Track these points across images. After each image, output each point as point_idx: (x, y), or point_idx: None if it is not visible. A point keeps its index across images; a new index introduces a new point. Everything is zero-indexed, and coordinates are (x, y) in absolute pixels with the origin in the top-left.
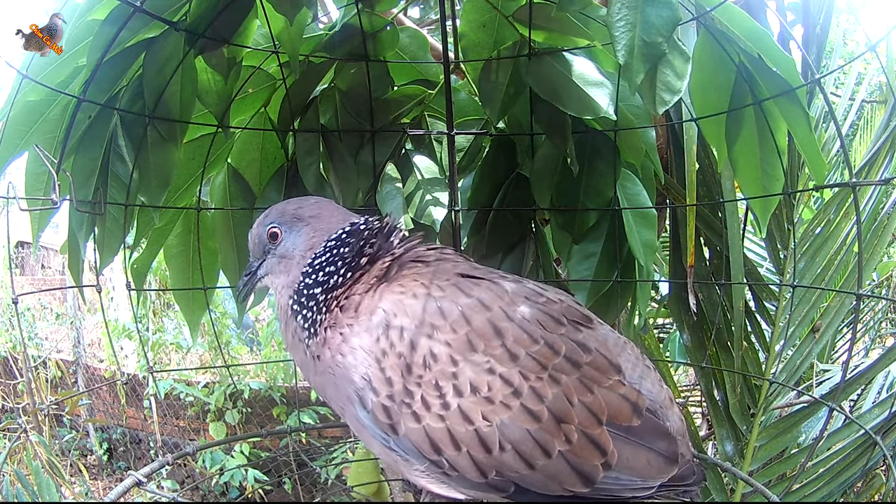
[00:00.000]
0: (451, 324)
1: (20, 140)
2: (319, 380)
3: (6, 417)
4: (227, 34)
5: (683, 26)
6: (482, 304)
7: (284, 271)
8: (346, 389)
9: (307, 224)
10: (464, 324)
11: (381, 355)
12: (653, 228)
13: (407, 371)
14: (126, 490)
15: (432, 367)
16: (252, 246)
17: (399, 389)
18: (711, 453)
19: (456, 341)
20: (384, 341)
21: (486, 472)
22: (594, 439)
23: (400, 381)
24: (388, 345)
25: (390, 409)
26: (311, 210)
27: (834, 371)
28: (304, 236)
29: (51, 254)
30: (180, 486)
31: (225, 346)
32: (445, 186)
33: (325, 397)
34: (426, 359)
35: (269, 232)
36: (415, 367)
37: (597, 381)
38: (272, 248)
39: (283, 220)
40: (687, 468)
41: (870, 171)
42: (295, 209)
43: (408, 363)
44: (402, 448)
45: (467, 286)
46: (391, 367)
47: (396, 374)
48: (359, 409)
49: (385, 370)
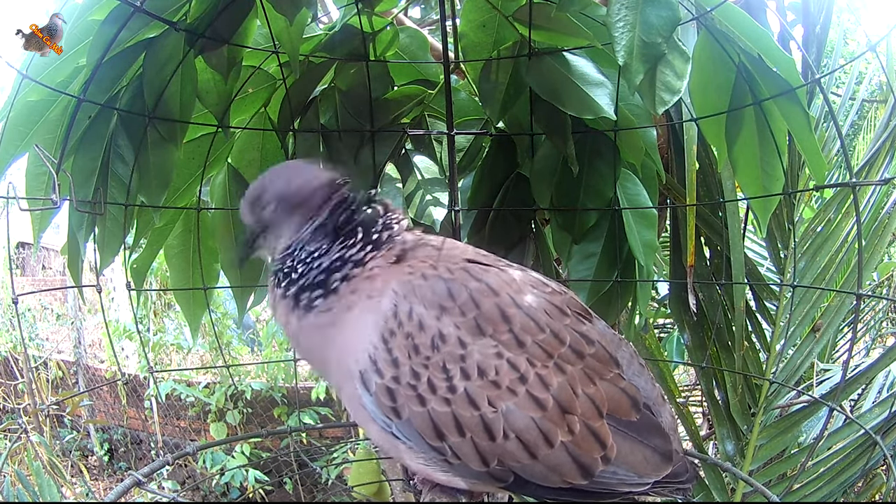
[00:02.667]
0: (461, 306)
1: (20, 141)
2: (317, 341)
3: (7, 418)
4: (227, 34)
5: (683, 26)
6: (491, 288)
7: (283, 240)
8: (349, 365)
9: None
10: (473, 307)
11: (388, 335)
12: (653, 228)
13: (414, 352)
14: (126, 490)
15: (441, 348)
16: (245, 218)
17: (405, 371)
18: (712, 453)
19: (465, 324)
20: (392, 321)
21: (488, 460)
22: (595, 431)
23: (406, 362)
24: (396, 324)
25: (395, 392)
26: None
27: (834, 371)
28: (297, 219)
29: (51, 255)
30: (181, 486)
31: (226, 347)
32: (445, 186)
33: (317, 363)
34: (434, 340)
35: (263, 202)
36: (422, 349)
37: (599, 373)
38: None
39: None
40: (680, 465)
41: (870, 171)
42: (287, 176)
43: (415, 344)
44: (404, 433)
45: (476, 271)
46: (398, 347)
47: (403, 355)
48: (360, 388)
49: (392, 350)
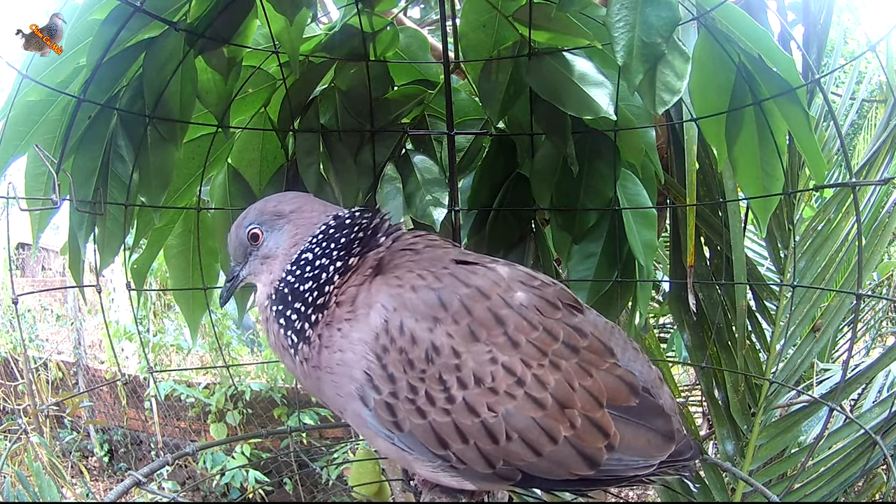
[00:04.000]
0: (453, 315)
1: (20, 141)
2: (314, 383)
3: (7, 419)
4: (227, 34)
5: (683, 26)
6: (481, 292)
7: (267, 271)
8: (346, 387)
9: (288, 221)
10: (465, 314)
11: (381, 352)
12: (653, 228)
13: (409, 366)
14: (126, 490)
15: (435, 360)
16: (232, 249)
17: (402, 386)
18: (712, 453)
19: (458, 332)
20: (384, 337)
21: (493, 462)
22: (597, 422)
23: (403, 377)
24: (388, 340)
25: (394, 407)
26: (291, 205)
27: (834, 370)
28: (286, 234)
29: (51, 255)
30: (181, 486)
31: (225, 347)
32: (445, 186)
33: (323, 398)
34: (428, 352)
35: (249, 233)
36: (417, 362)
37: (595, 364)
38: (254, 249)
39: (262, 219)
40: (683, 443)
41: (870, 171)
42: (274, 206)
43: (410, 358)
44: (408, 444)
45: (464, 275)
46: (393, 363)
47: (399, 371)
48: (360, 405)
49: (387, 367)
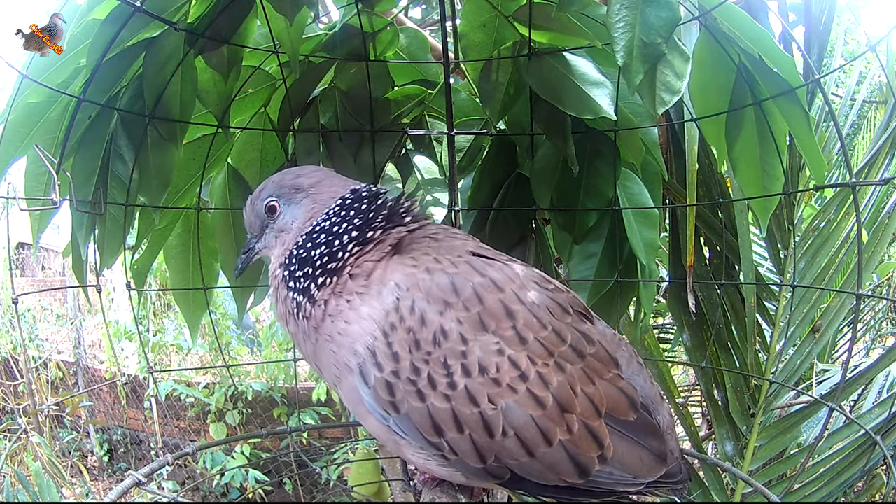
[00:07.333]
0: (464, 301)
1: (21, 142)
2: (312, 346)
3: (7, 418)
4: (227, 34)
5: (684, 26)
6: (495, 284)
7: (281, 244)
8: (345, 358)
9: (307, 195)
10: (476, 302)
11: (389, 329)
12: (654, 228)
13: (415, 347)
14: (126, 490)
15: (442, 344)
16: (249, 222)
17: (405, 366)
18: (711, 453)
19: (468, 320)
20: (394, 315)
21: (485, 457)
22: (593, 431)
23: (407, 357)
24: (397, 319)
25: (394, 386)
26: (311, 178)
27: (834, 371)
28: (303, 207)
29: (51, 255)
30: (181, 486)
31: (225, 347)
32: (445, 186)
33: (318, 366)
34: (436, 335)
35: (266, 206)
36: (424, 344)
37: (599, 372)
38: (270, 222)
39: (280, 191)
40: (675, 466)
41: (870, 171)
42: (293, 179)
43: (417, 339)
44: (402, 428)
45: (480, 265)
46: (399, 342)
47: (404, 350)
48: (359, 381)
49: (392, 345)
